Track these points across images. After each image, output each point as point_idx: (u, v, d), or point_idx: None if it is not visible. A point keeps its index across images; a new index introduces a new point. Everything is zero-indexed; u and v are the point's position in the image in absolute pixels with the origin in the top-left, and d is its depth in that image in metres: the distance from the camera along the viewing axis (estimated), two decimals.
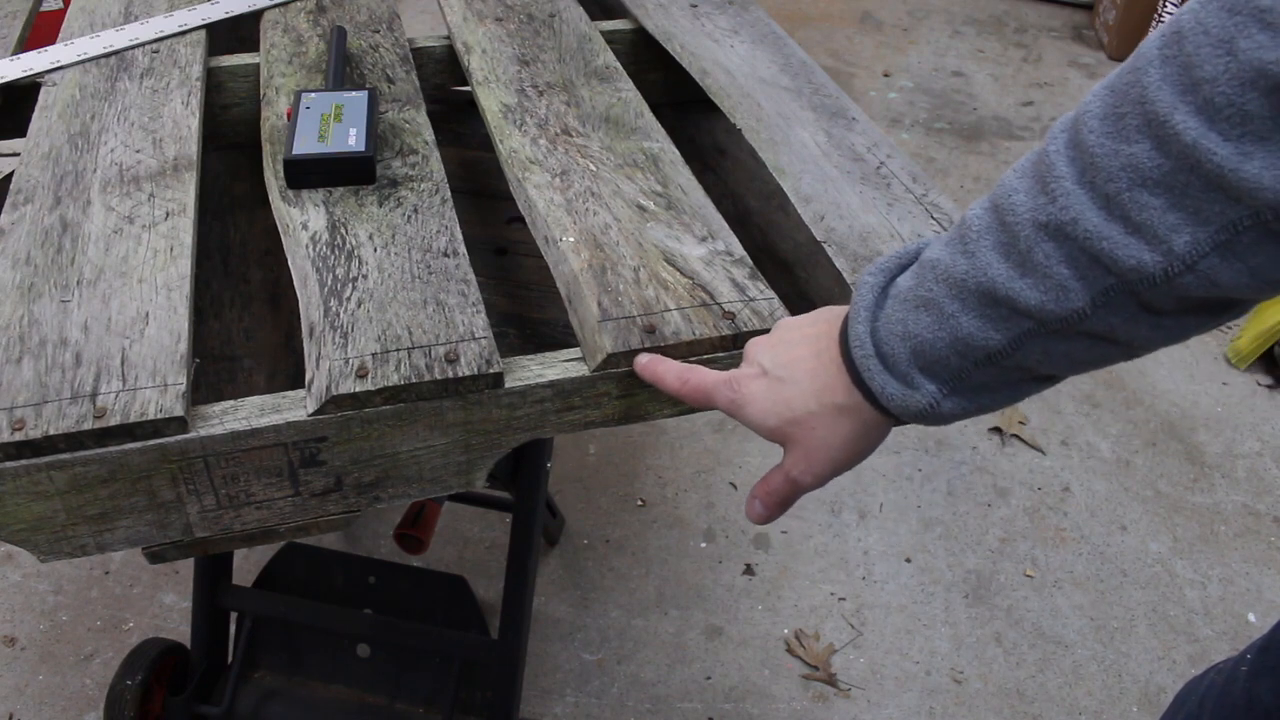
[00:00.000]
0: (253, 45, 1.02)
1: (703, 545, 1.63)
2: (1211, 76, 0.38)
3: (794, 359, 0.57)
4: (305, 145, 0.78)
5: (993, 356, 0.48)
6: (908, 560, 1.63)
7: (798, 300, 0.87)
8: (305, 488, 0.63)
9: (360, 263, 0.70)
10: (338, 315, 0.65)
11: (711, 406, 0.60)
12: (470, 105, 1.10)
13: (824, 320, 0.58)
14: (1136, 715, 1.43)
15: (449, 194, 0.79)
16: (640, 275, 0.71)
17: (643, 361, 0.64)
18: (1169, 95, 0.39)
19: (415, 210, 0.76)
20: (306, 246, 0.72)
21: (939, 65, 3.16)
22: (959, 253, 0.48)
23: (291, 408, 0.61)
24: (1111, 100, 0.42)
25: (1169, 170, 0.40)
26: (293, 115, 0.82)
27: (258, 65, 0.97)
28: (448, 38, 1.05)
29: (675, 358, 0.67)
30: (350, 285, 0.68)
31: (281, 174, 0.78)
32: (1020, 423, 1.88)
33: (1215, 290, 0.41)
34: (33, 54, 0.94)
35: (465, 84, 1.01)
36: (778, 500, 0.59)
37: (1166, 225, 0.40)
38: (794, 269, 0.91)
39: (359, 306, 0.66)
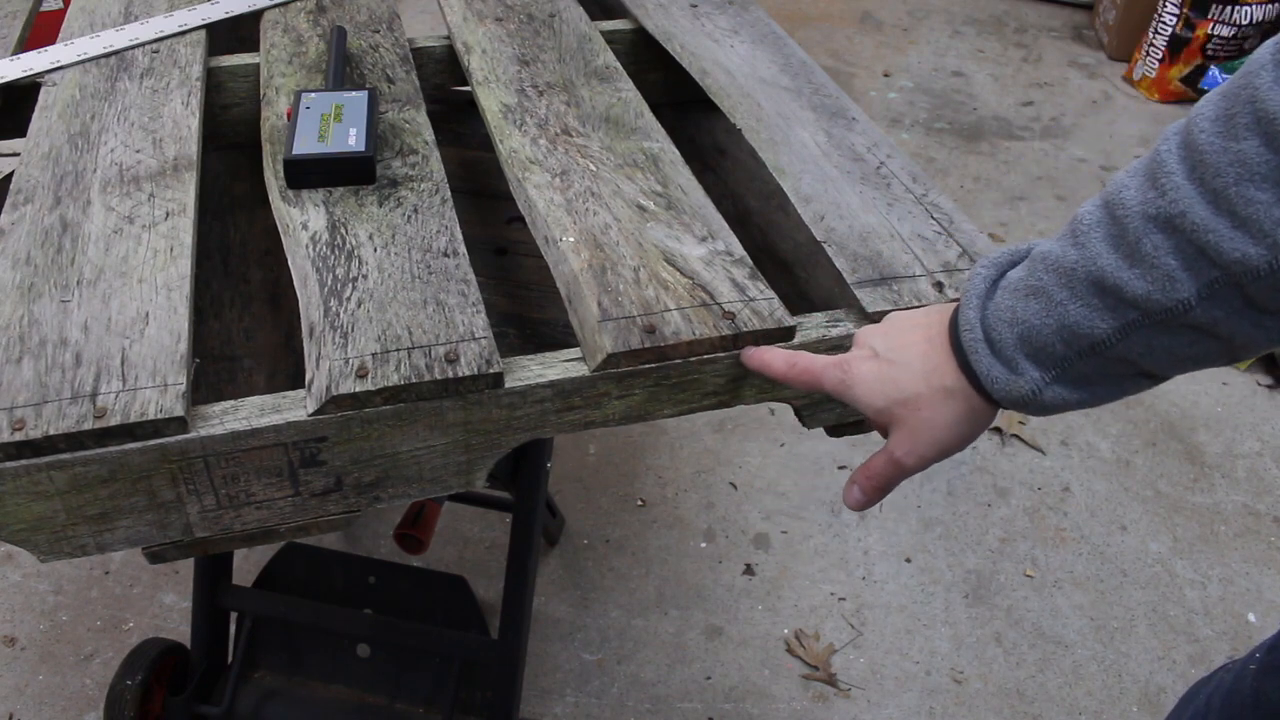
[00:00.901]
0: (253, 45, 1.02)
1: (703, 545, 1.63)
2: None
3: (906, 343, 0.58)
4: (305, 145, 0.78)
5: (1097, 346, 0.49)
6: (908, 560, 1.63)
7: (798, 300, 0.87)
8: (305, 488, 0.63)
9: (360, 263, 0.70)
10: (338, 315, 0.65)
11: (819, 388, 0.61)
12: (470, 105, 1.10)
13: (936, 311, 0.59)
14: (1136, 715, 1.43)
15: (449, 194, 0.79)
16: (640, 275, 0.71)
17: (750, 353, 0.66)
18: (1279, 96, 0.41)
19: (415, 210, 0.76)
20: (306, 246, 0.72)
21: (939, 65, 3.16)
22: (1070, 244, 0.49)
23: (291, 408, 0.61)
24: (1223, 103, 0.44)
25: (1276, 165, 0.41)
26: (293, 115, 0.82)
27: (258, 65, 0.97)
28: (448, 38, 1.05)
29: (675, 358, 0.67)
30: (350, 285, 0.68)
31: (281, 174, 0.78)
32: (1020, 423, 1.88)
33: None
34: (33, 54, 0.94)
35: (465, 84, 1.01)
36: (879, 484, 0.60)
37: (1272, 220, 0.42)
38: (794, 269, 0.92)
39: (359, 306, 0.66)
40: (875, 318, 0.70)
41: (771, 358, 0.65)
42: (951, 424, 0.56)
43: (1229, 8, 2.78)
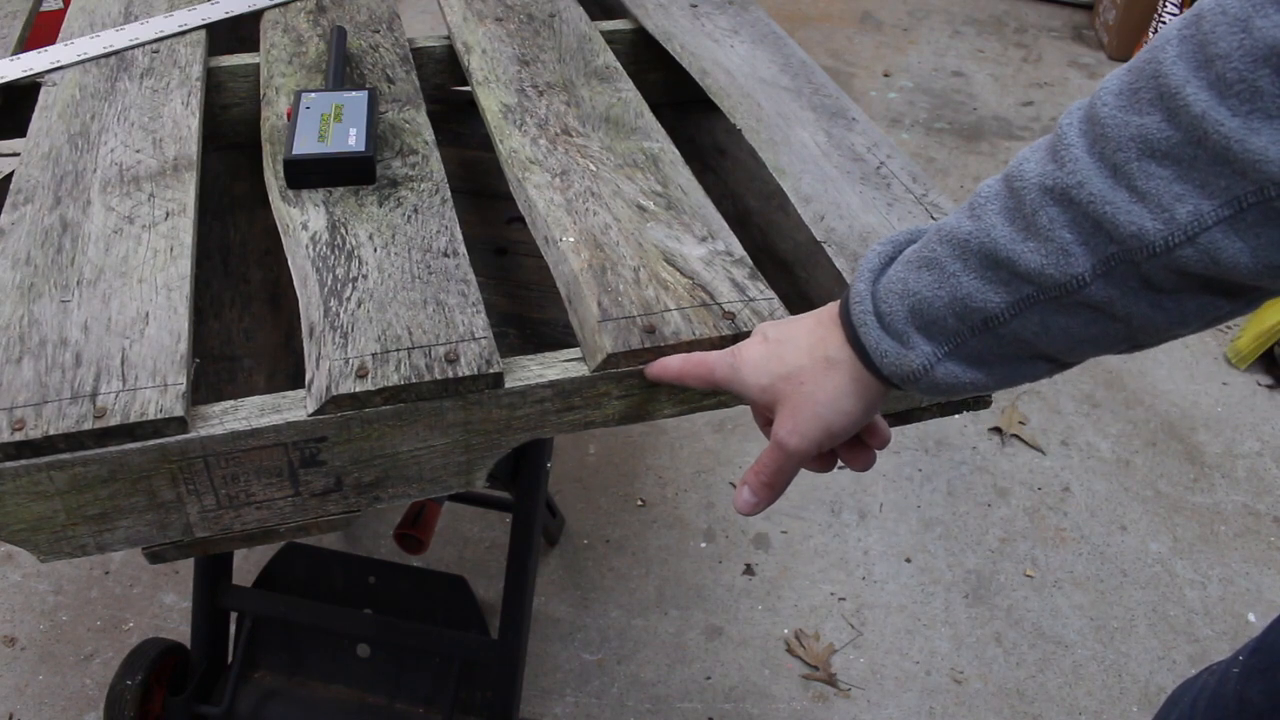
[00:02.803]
0: (253, 45, 1.02)
1: (703, 545, 1.63)
2: (1225, 52, 0.39)
3: (795, 325, 0.58)
4: (305, 145, 0.78)
5: (990, 321, 0.48)
6: (908, 560, 1.63)
7: (798, 300, 0.87)
8: (305, 488, 0.63)
9: (360, 263, 0.70)
10: (338, 315, 0.65)
11: (714, 382, 0.60)
12: (470, 105, 1.10)
13: (833, 303, 0.59)
14: (1136, 715, 1.43)
15: (449, 194, 0.79)
16: (640, 275, 0.71)
17: (649, 366, 0.65)
18: (1183, 70, 0.40)
19: (415, 210, 0.76)
20: (306, 246, 0.72)
21: (939, 65, 3.16)
22: (966, 217, 0.48)
23: (291, 408, 0.61)
24: (1128, 78, 0.43)
25: (1177, 142, 0.40)
26: (293, 115, 0.82)
27: (258, 65, 0.97)
28: (448, 38, 1.05)
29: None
30: (350, 285, 0.68)
31: (281, 174, 0.78)
32: (1020, 423, 1.88)
33: (1215, 268, 0.41)
34: (33, 54, 0.94)
35: (465, 84, 1.01)
36: (766, 478, 0.58)
37: (1171, 195, 0.41)
38: (794, 269, 0.91)
39: (359, 306, 0.66)
40: None
41: (669, 360, 0.64)
42: (835, 397, 0.54)
43: None
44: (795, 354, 0.55)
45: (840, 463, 0.62)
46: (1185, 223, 0.40)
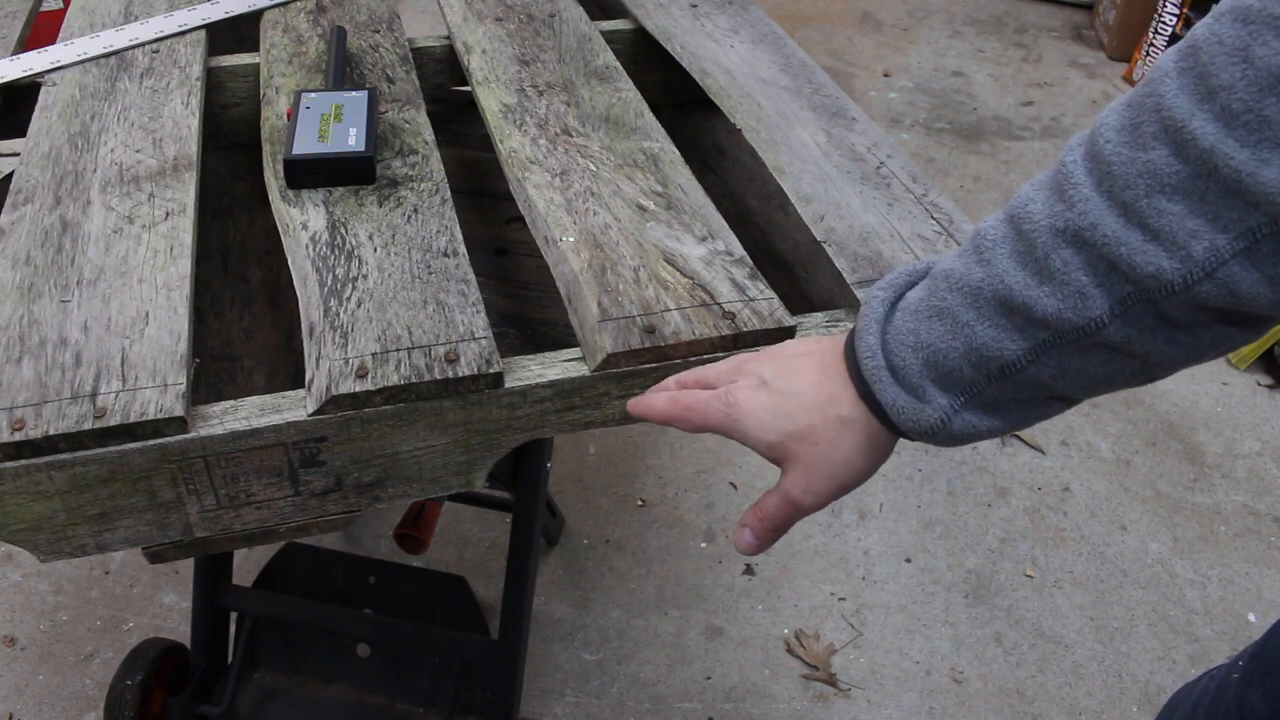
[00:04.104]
0: (253, 45, 1.02)
1: (703, 545, 1.63)
2: (1228, 84, 0.38)
3: (796, 371, 0.55)
4: (305, 145, 0.78)
5: (1007, 369, 0.47)
6: (908, 560, 1.63)
7: (798, 300, 0.87)
8: (305, 488, 0.63)
9: (360, 263, 0.70)
10: (338, 315, 0.65)
11: (708, 429, 0.56)
12: (470, 105, 1.10)
13: (826, 340, 0.56)
14: (1136, 715, 1.43)
15: (449, 194, 0.79)
16: (640, 275, 0.71)
17: (631, 403, 0.60)
18: (1186, 103, 0.40)
19: (415, 210, 0.76)
20: (306, 246, 0.72)
21: (939, 65, 3.16)
22: (974, 262, 0.47)
23: (291, 408, 0.61)
24: (1128, 114, 0.42)
25: (1187, 176, 0.40)
26: (293, 115, 0.82)
27: (258, 65, 0.97)
28: (448, 38, 1.05)
29: (675, 358, 0.67)
30: (350, 285, 0.68)
31: (281, 174, 0.78)
32: None
33: (1234, 300, 0.41)
34: (33, 54, 0.94)
35: (465, 84, 1.01)
36: (772, 525, 0.56)
37: (1185, 231, 0.40)
38: (794, 269, 0.92)
39: (359, 306, 0.66)
40: None
41: (653, 401, 0.59)
42: (849, 458, 0.53)
43: None
44: (804, 411, 0.53)
45: None
46: (1202, 259, 0.40)
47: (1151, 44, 2.94)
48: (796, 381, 0.54)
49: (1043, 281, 0.44)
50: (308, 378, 0.63)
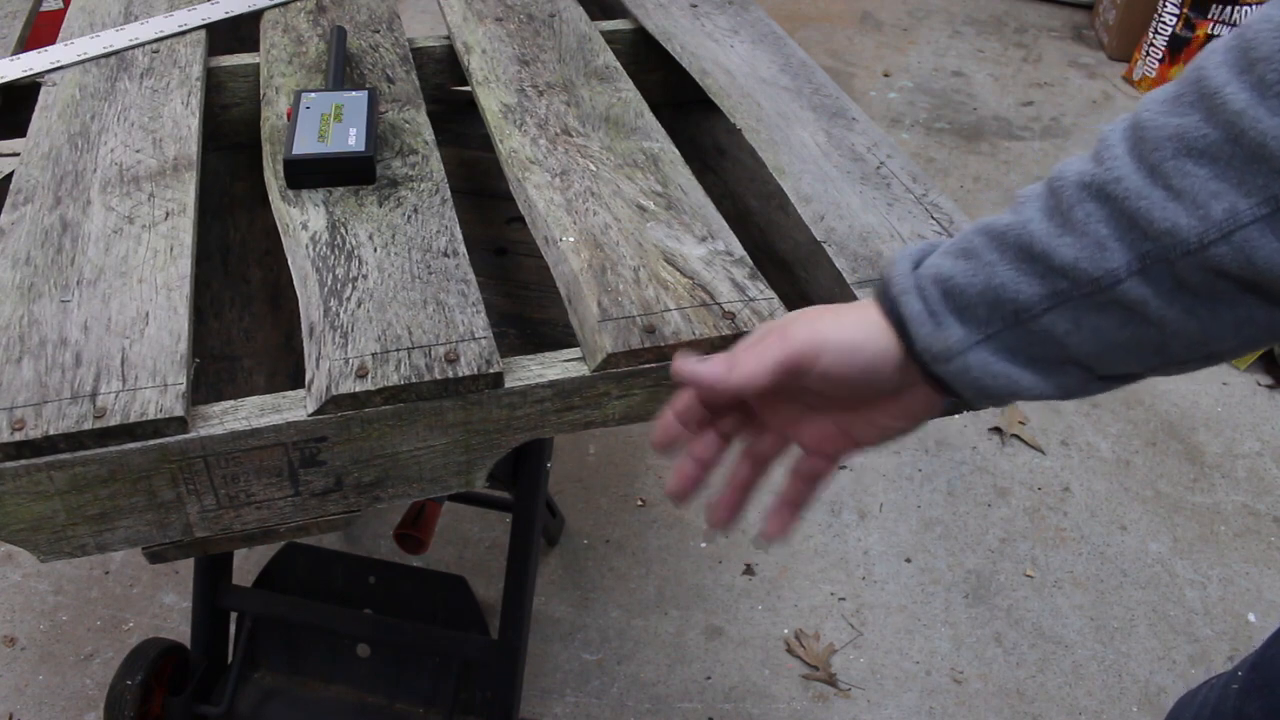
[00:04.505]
0: (253, 45, 1.02)
1: (703, 545, 1.63)
2: (1267, 55, 0.39)
3: (821, 309, 0.55)
4: (305, 145, 0.78)
5: (1021, 312, 0.47)
6: (908, 560, 1.63)
7: (798, 300, 0.87)
8: (305, 488, 0.63)
9: (360, 263, 0.70)
10: (338, 315, 0.65)
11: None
12: (470, 105, 1.10)
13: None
14: (1136, 715, 1.43)
15: (449, 194, 0.79)
16: (640, 275, 0.71)
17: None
18: (1225, 74, 0.41)
19: (415, 210, 0.76)
20: (306, 246, 0.72)
21: (939, 65, 3.16)
22: (1006, 213, 0.49)
23: (291, 408, 0.61)
24: (1174, 87, 0.44)
25: (1214, 140, 0.41)
26: (293, 115, 0.82)
27: (258, 65, 0.97)
28: (448, 38, 1.05)
29: (675, 358, 0.67)
30: (350, 285, 0.68)
31: (281, 174, 0.78)
32: (1020, 423, 1.88)
33: (1251, 269, 0.41)
34: (33, 54, 0.94)
35: (465, 84, 1.01)
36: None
37: (1207, 192, 0.41)
38: (794, 269, 0.92)
39: (359, 306, 0.66)
40: None
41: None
42: (857, 324, 0.51)
43: (1229, 8, 2.78)
44: (841, 308, 0.53)
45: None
46: (1220, 219, 0.41)
47: (1151, 44, 2.94)
48: (824, 309, 0.55)
49: (1064, 231, 0.45)
50: (308, 378, 0.63)
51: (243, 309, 0.86)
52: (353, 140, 0.79)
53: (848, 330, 0.52)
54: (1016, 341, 0.49)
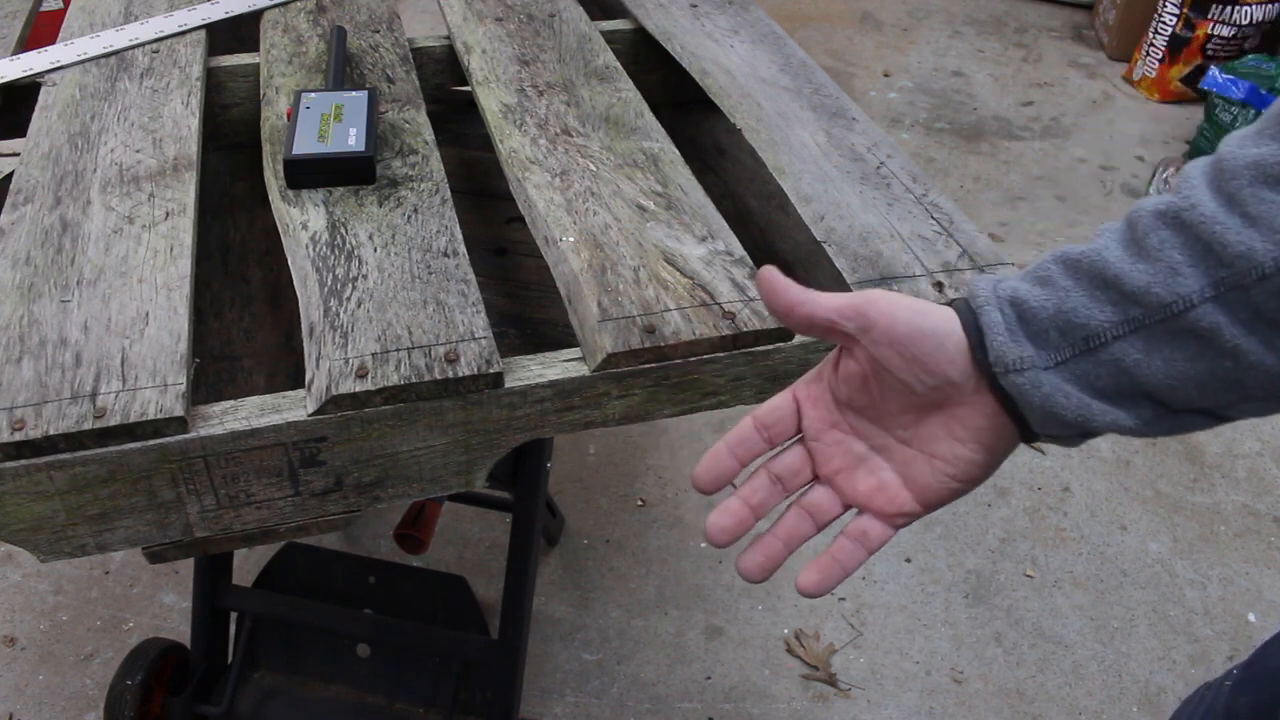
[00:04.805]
0: (253, 45, 1.02)
1: (703, 545, 1.63)
2: None
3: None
4: (305, 145, 0.78)
5: (1091, 339, 0.47)
6: (908, 560, 1.62)
7: None
8: (305, 488, 0.63)
9: (360, 263, 0.70)
10: (338, 315, 0.65)
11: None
12: (470, 105, 1.10)
13: None
14: (1136, 715, 1.43)
15: (449, 194, 0.79)
16: (640, 275, 0.71)
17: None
18: None
19: (415, 210, 0.76)
20: (306, 246, 0.72)
21: (939, 65, 3.16)
22: (1084, 243, 0.49)
23: (291, 408, 0.61)
24: (1257, 123, 0.44)
25: None
26: (293, 115, 0.82)
27: (258, 65, 0.97)
28: (448, 38, 1.05)
29: (675, 358, 0.67)
30: (350, 285, 0.68)
31: (281, 174, 0.78)
32: None
33: None
34: (33, 54, 0.94)
35: (465, 84, 1.01)
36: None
37: None
38: (794, 269, 0.92)
39: (359, 306, 0.66)
40: None
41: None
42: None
43: (1229, 8, 2.78)
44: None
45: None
46: None
47: (1151, 44, 2.94)
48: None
49: (1139, 258, 0.45)
50: (308, 378, 0.63)
51: (243, 309, 0.86)
52: (353, 140, 0.79)
53: (919, 304, 0.50)
54: (1086, 370, 0.47)
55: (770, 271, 0.51)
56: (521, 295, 0.92)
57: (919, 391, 0.50)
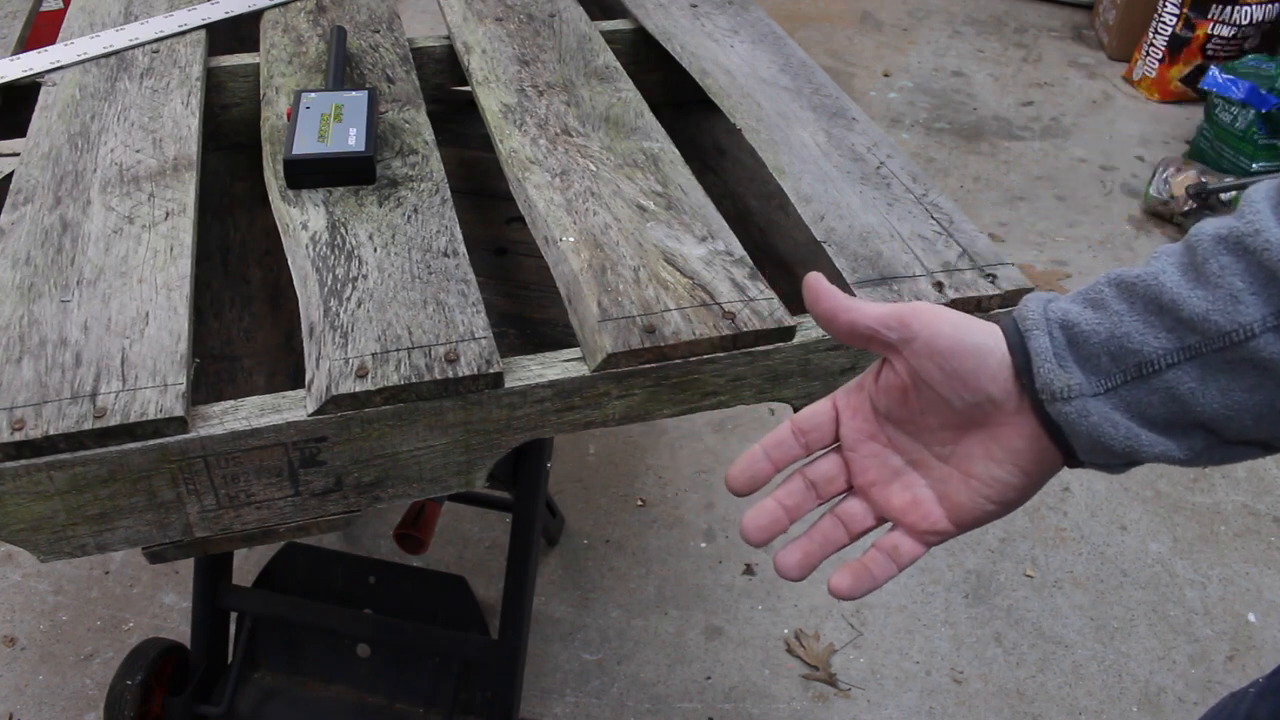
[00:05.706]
0: (253, 45, 1.02)
1: (703, 545, 1.63)
2: None
3: None
4: (305, 145, 0.78)
5: (1144, 366, 0.45)
6: None
7: (798, 300, 0.87)
8: (305, 488, 0.63)
9: (360, 263, 0.70)
10: (338, 315, 0.65)
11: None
12: (470, 105, 1.10)
13: None
14: (1136, 715, 1.43)
15: (449, 194, 0.79)
16: (640, 275, 0.71)
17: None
18: None
19: (415, 210, 0.76)
20: (306, 246, 0.72)
21: (939, 65, 3.16)
22: (1139, 267, 0.46)
23: (291, 408, 0.61)
24: None
25: None
26: (293, 115, 0.82)
27: (258, 65, 0.97)
28: (448, 38, 1.05)
29: (675, 358, 0.67)
30: (350, 285, 0.68)
31: (281, 174, 0.78)
32: None
33: None
34: (33, 54, 0.94)
35: (465, 84, 1.01)
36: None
37: None
38: (794, 269, 0.92)
39: (359, 306, 0.66)
40: None
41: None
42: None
43: (1229, 8, 2.78)
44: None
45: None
46: None
47: (1151, 44, 2.94)
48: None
49: (1197, 284, 0.43)
50: (308, 378, 0.63)
51: (243, 309, 0.86)
52: (353, 140, 0.79)
53: (963, 318, 0.49)
54: (1138, 398, 0.46)
55: (816, 278, 0.51)
56: (521, 295, 0.92)
57: (958, 408, 0.49)
